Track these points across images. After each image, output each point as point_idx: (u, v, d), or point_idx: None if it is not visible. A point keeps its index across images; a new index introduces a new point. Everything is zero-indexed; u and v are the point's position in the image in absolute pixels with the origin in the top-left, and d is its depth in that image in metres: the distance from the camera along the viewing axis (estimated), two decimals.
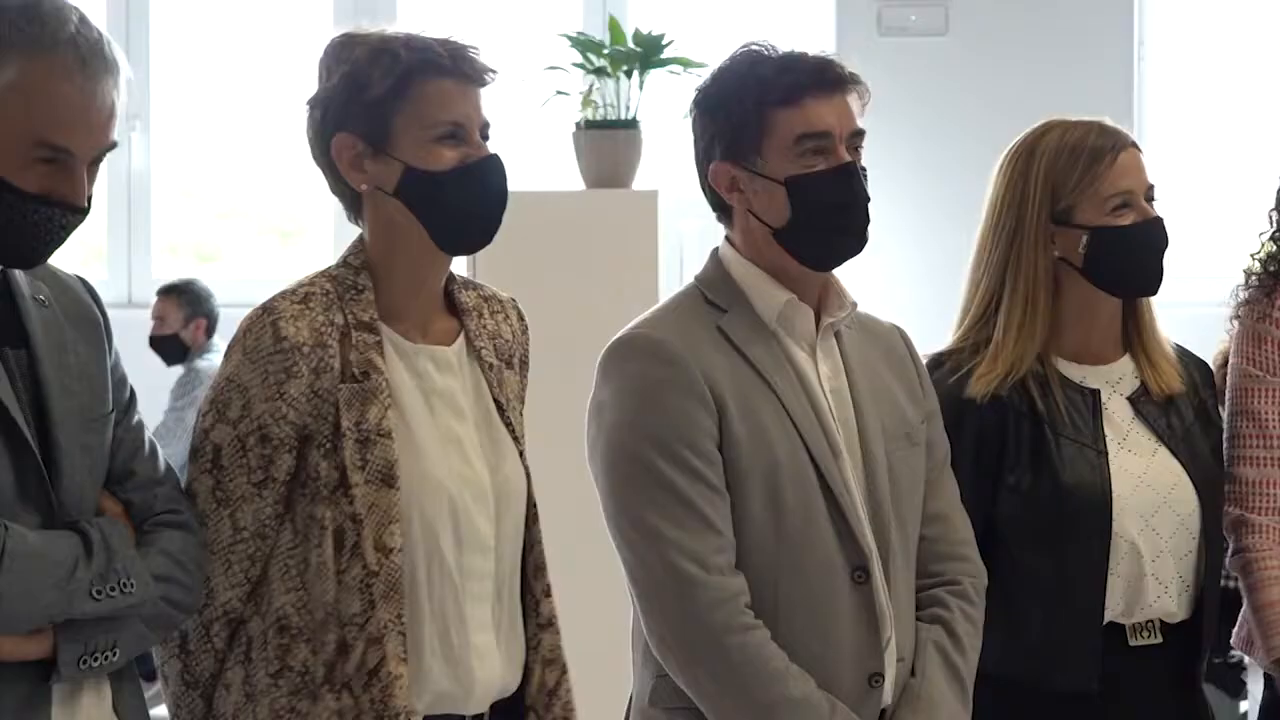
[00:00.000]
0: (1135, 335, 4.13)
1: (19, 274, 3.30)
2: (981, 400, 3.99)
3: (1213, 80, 9.94)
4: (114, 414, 3.35)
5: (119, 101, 3.21)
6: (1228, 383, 4.25)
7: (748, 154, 3.71)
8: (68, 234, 3.22)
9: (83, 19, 3.23)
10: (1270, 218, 4.30)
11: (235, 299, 8.71)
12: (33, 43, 3.15)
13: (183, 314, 10.13)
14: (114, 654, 3.26)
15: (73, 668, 3.18)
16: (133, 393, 3.50)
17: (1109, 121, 4.15)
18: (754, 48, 3.77)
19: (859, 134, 3.72)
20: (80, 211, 3.20)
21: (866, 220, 3.73)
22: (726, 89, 3.75)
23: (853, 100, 3.73)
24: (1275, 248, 4.28)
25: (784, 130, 3.68)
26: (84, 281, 3.44)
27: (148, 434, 3.48)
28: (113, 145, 3.21)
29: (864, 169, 3.73)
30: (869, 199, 3.72)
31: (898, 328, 3.98)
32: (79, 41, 3.18)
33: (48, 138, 3.13)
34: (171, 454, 9.57)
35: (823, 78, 3.70)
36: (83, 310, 3.40)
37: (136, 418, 3.46)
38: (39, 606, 3.12)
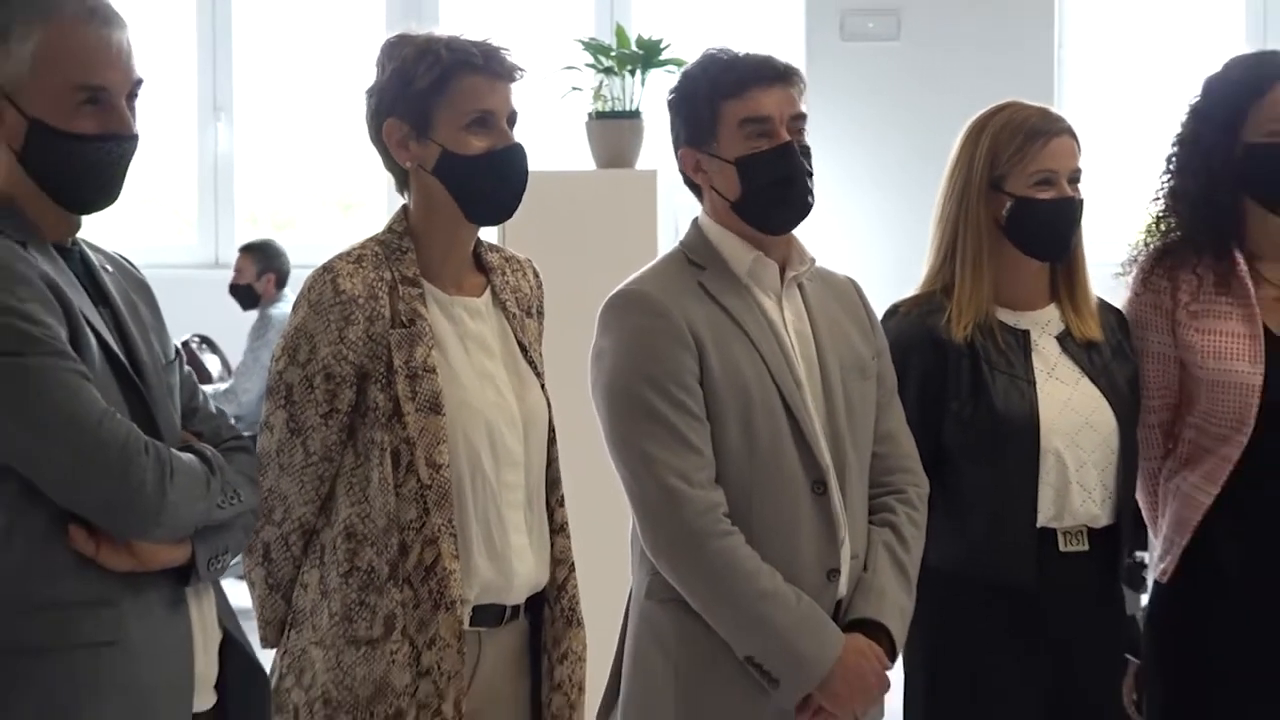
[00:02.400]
0: (1064, 287, 4.16)
1: (87, 246, 3.37)
2: (957, 338, 4.06)
3: (1119, 76, 10.16)
4: (176, 361, 3.44)
5: (131, 45, 3.23)
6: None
7: (706, 140, 3.84)
8: (128, 163, 3.26)
9: None
10: (1158, 195, 4.36)
11: (304, 261, 8.74)
12: (44, 11, 3.16)
13: (256, 268, 10.15)
14: (229, 557, 3.36)
15: (205, 570, 3.26)
16: (176, 346, 3.55)
17: (1055, 110, 4.22)
18: (710, 52, 3.90)
19: (799, 117, 3.85)
20: (132, 138, 3.24)
21: (806, 191, 3.84)
22: (687, 88, 3.90)
23: (791, 90, 3.83)
24: (1161, 215, 4.36)
25: (731, 118, 3.80)
26: (125, 257, 3.48)
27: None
28: (139, 81, 3.25)
29: (806, 147, 3.86)
30: (809, 173, 3.84)
31: (852, 279, 4.07)
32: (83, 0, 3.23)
33: (84, 80, 3.16)
34: (249, 387, 9.73)
35: (761, 72, 3.81)
36: (137, 277, 3.46)
37: (185, 365, 3.52)
38: (194, 513, 3.21)
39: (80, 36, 3.17)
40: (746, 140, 3.79)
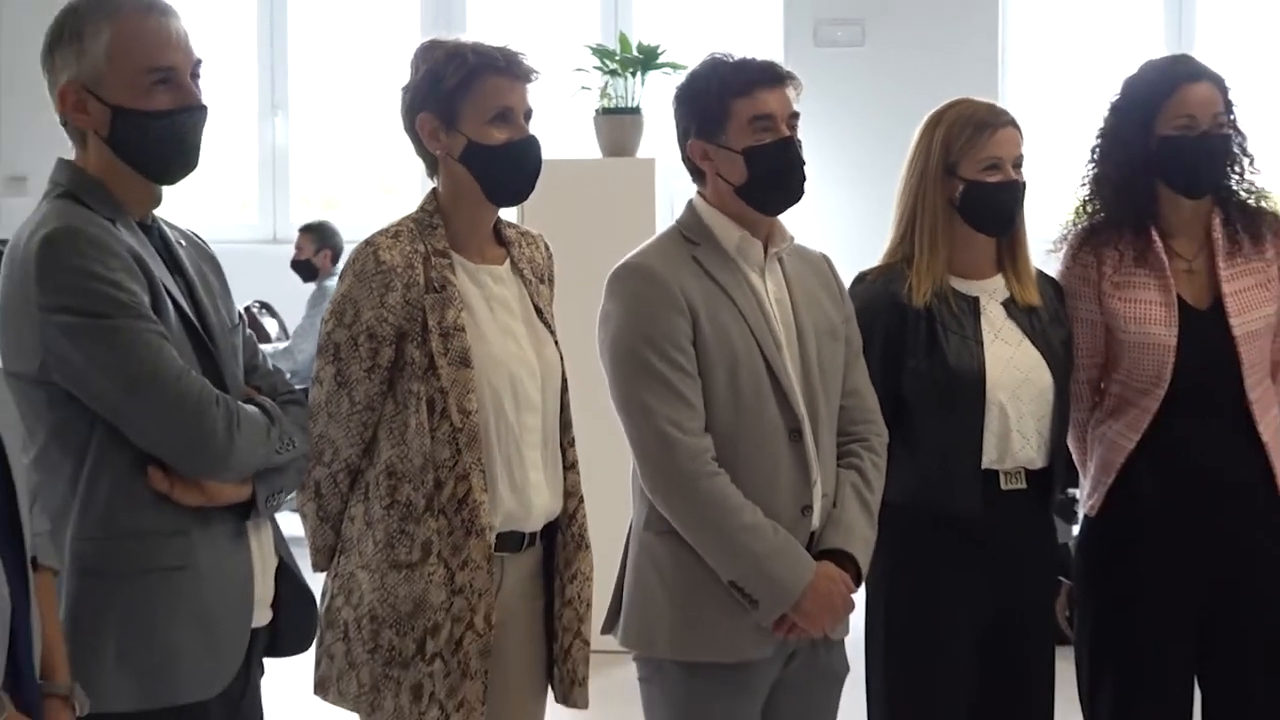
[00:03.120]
0: (1008, 258, 4.15)
1: (165, 225, 3.37)
2: (916, 304, 4.04)
3: (1053, 75, 10.29)
4: (239, 325, 3.45)
5: (186, 30, 3.23)
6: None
7: (715, 132, 3.80)
8: (200, 132, 3.26)
9: None
10: (1083, 181, 4.35)
11: (350, 236, 8.75)
12: (108, 12, 3.17)
13: (315, 245, 10.13)
14: (284, 495, 3.39)
15: (263, 506, 3.29)
16: (239, 311, 3.57)
17: (1000, 105, 4.21)
18: (717, 55, 3.85)
19: (795, 115, 3.82)
20: (202, 108, 3.25)
21: (802, 179, 3.83)
22: (698, 86, 3.84)
23: (790, 91, 3.81)
24: (1086, 198, 4.34)
25: (741, 114, 3.76)
26: (197, 234, 3.49)
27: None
28: (199, 61, 3.26)
29: (799, 141, 3.84)
30: (803, 163, 3.82)
31: (824, 255, 4.04)
32: None
33: (153, 63, 3.17)
34: (305, 347, 9.73)
35: (766, 75, 3.79)
36: (207, 251, 3.48)
37: (247, 329, 3.54)
38: (257, 457, 3.23)
39: (143, 27, 3.19)
40: (753, 134, 3.76)
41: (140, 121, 3.19)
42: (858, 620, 3.98)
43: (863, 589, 3.94)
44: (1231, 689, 4.31)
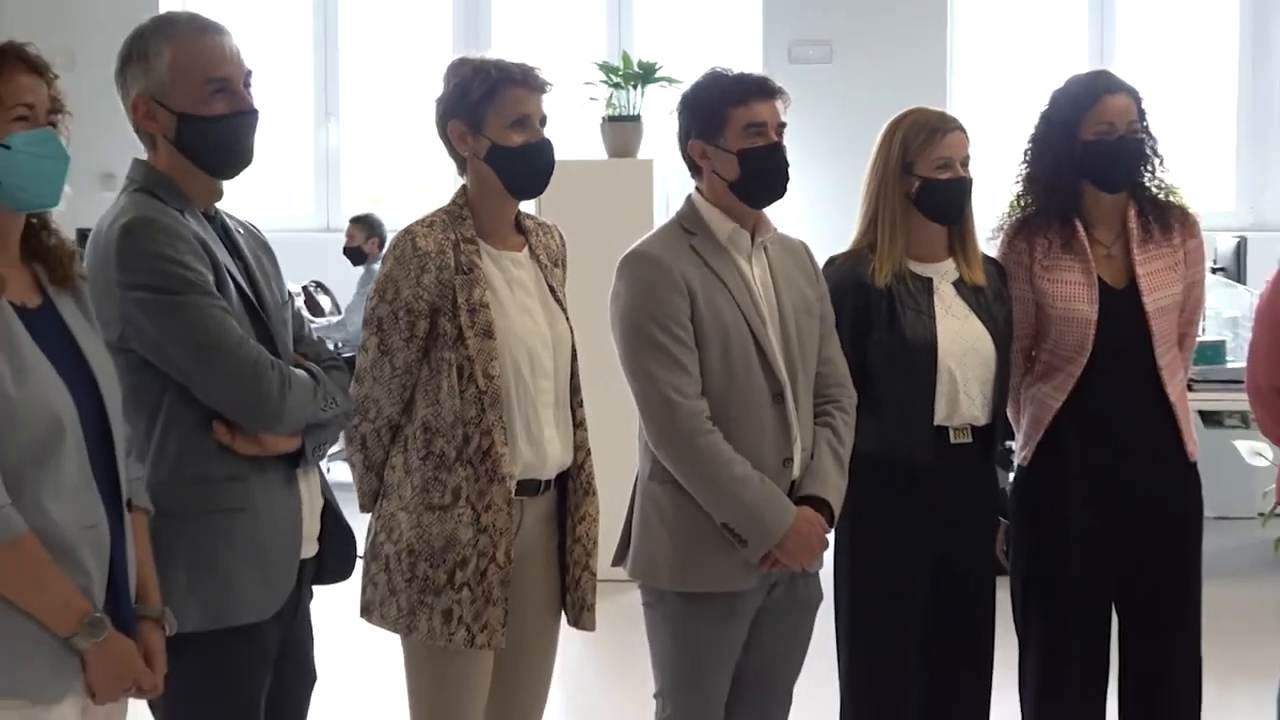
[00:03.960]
0: (958, 244, 4.11)
1: (226, 215, 3.35)
2: (879, 284, 4.00)
3: (994, 88, 10.34)
4: (289, 302, 3.42)
5: (237, 46, 3.22)
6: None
7: (713, 135, 3.76)
8: (253, 132, 3.24)
9: (191, 12, 3.34)
10: (1017, 180, 4.32)
11: (392, 226, 8.76)
12: (169, 33, 3.18)
13: (364, 234, 10.17)
14: (328, 446, 3.39)
15: (310, 456, 3.29)
16: (290, 290, 3.55)
17: (951, 112, 4.19)
18: (717, 69, 3.82)
19: (782, 125, 3.80)
20: (254, 112, 3.23)
21: (786, 179, 3.80)
22: (700, 95, 3.80)
23: (779, 103, 3.79)
24: (1020, 194, 4.31)
25: (737, 120, 3.74)
26: (253, 224, 3.46)
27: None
28: (250, 72, 3.23)
29: (784, 146, 3.79)
30: (788, 165, 3.80)
31: (803, 242, 3.99)
32: (195, 18, 3.26)
33: (210, 74, 3.16)
34: (356, 320, 9.76)
35: (762, 88, 3.78)
36: (261, 238, 3.44)
37: (296, 304, 3.53)
38: (305, 414, 3.22)
39: (199, 45, 3.18)
40: (747, 138, 3.73)
41: (201, 125, 3.18)
42: (829, 555, 3.96)
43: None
44: (1143, 613, 4.32)
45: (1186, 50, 10.40)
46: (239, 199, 3.39)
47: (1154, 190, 4.29)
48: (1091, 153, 4.18)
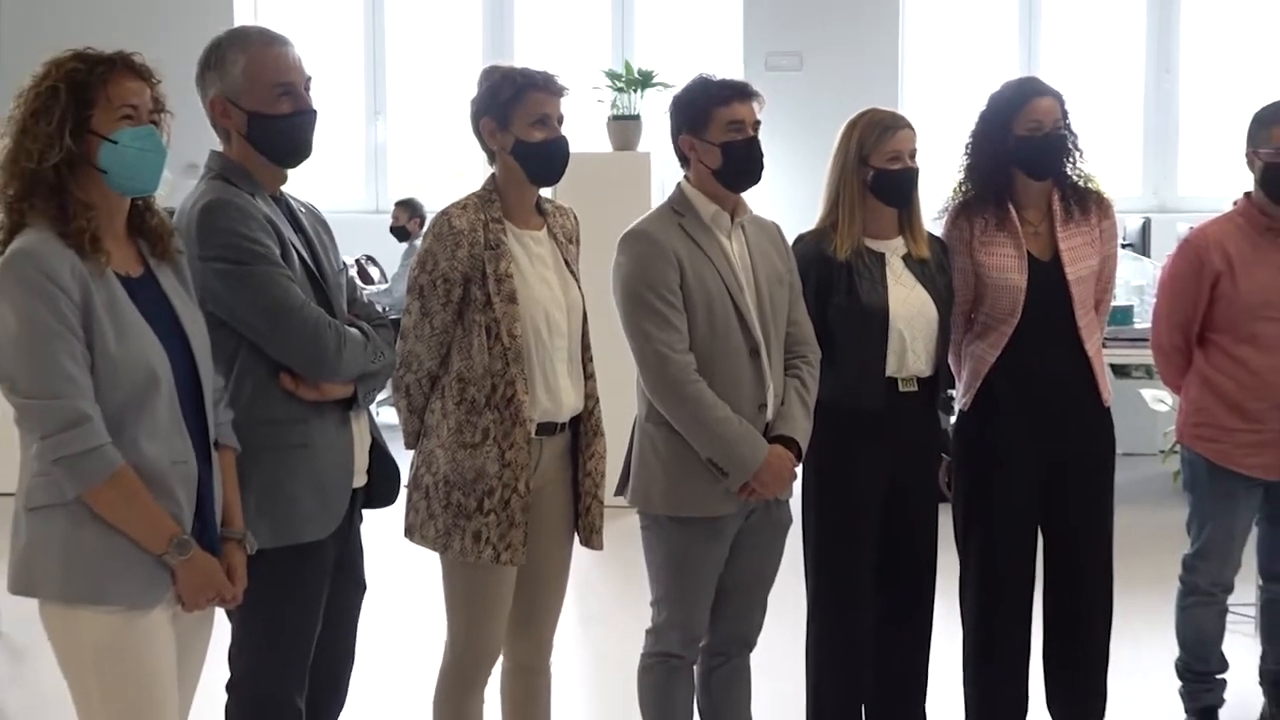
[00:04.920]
0: (907, 224, 4.07)
1: (290, 198, 3.33)
2: (840, 258, 3.97)
3: (939, 91, 10.26)
4: (344, 270, 3.41)
5: (299, 55, 3.22)
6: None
7: (700, 130, 3.74)
8: (313, 128, 3.23)
9: (261, 26, 3.36)
10: (959, 169, 4.29)
11: (431, 208, 8.73)
12: (242, 43, 3.17)
13: (407, 214, 10.14)
14: (376, 392, 3.39)
15: (362, 400, 3.29)
16: (345, 261, 3.53)
17: (902, 111, 4.16)
18: (704, 75, 3.80)
19: (758, 122, 3.77)
20: (313, 112, 3.22)
21: (761, 167, 3.77)
22: (690, 96, 3.78)
23: (755, 104, 3.77)
24: (961, 182, 4.29)
25: (720, 118, 3.72)
26: (313, 205, 3.44)
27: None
28: (310, 78, 3.23)
29: (760, 140, 3.77)
30: (763, 156, 3.77)
31: (775, 222, 3.95)
32: (264, 31, 3.26)
33: (277, 79, 3.15)
34: (400, 288, 9.71)
35: (741, 91, 3.76)
36: (320, 217, 3.42)
37: (350, 273, 3.51)
38: (357, 366, 3.22)
39: (268, 55, 3.18)
40: (728, 133, 3.71)
41: (268, 123, 3.17)
42: (797, 486, 3.95)
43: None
44: (1064, 533, 4.33)
45: (1101, 59, 10.39)
46: (301, 184, 3.37)
47: (1075, 178, 4.27)
48: (1022, 146, 4.15)
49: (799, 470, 3.90)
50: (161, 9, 10.24)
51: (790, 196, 5.77)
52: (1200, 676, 4.63)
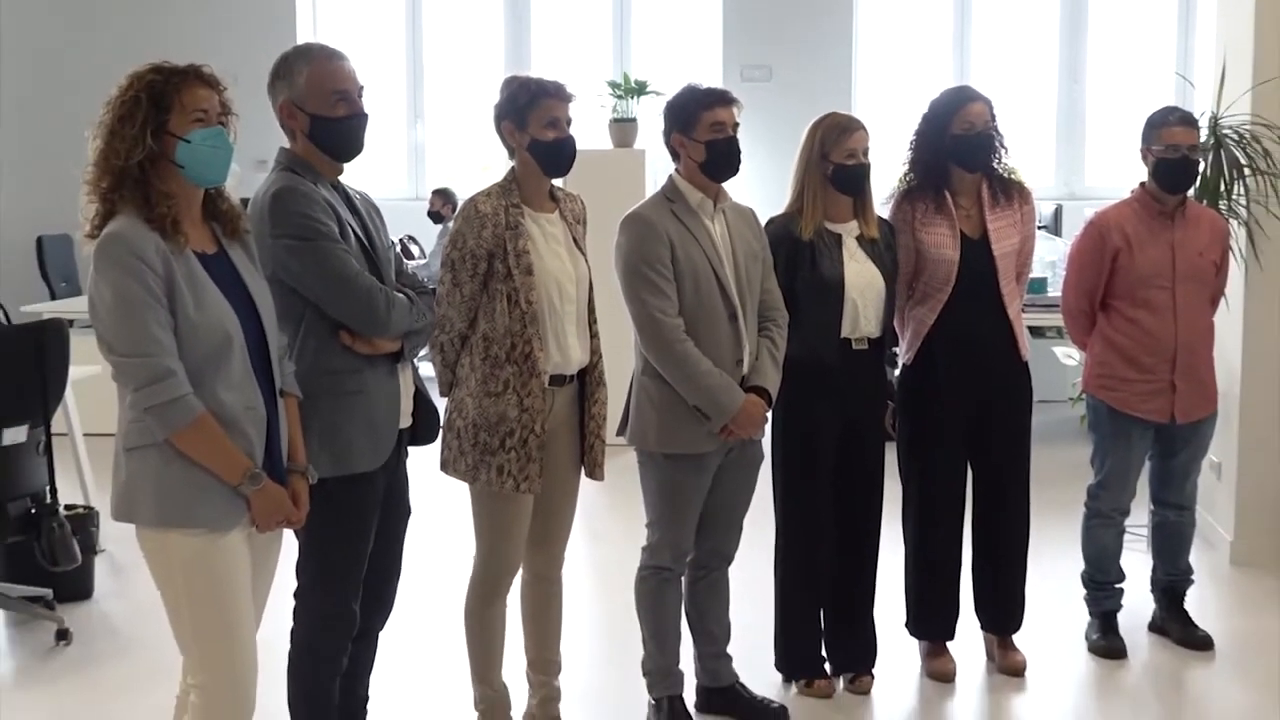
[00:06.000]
0: (860, 209, 4.03)
1: (347, 186, 3.28)
2: (804, 238, 3.94)
3: (888, 97, 10.06)
4: (392, 247, 3.36)
5: (354, 66, 3.18)
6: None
7: (688, 130, 3.71)
8: (364, 129, 3.19)
9: (321, 43, 3.29)
10: (904, 163, 4.27)
11: (461, 195, 8.70)
12: (306, 57, 3.15)
13: (441, 201, 10.04)
14: (419, 348, 3.34)
15: (407, 354, 3.26)
16: (393, 240, 3.47)
17: (856, 115, 4.12)
18: (691, 84, 3.77)
19: (737, 124, 3.73)
20: (365, 116, 3.18)
21: (739, 161, 3.73)
22: (679, 101, 3.74)
23: (734, 109, 3.73)
24: (905, 174, 4.26)
25: (705, 120, 3.70)
26: (366, 193, 3.38)
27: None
28: (362, 87, 3.18)
29: (738, 139, 3.73)
30: (740, 152, 3.73)
31: (750, 208, 3.91)
32: (324, 47, 3.21)
33: (335, 87, 3.12)
34: (436, 263, 9.55)
35: (722, 97, 3.73)
36: (372, 202, 3.35)
37: (397, 250, 3.45)
38: (403, 325, 3.19)
39: (328, 67, 3.15)
40: (712, 132, 3.69)
41: (327, 124, 3.14)
42: (768, 428, 3.95)
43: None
44: (989, 466, 4.33)
45: (1021, 69, 10.34)
46: (355, 175, 3.32)
47: (1001, 171, 4.23)
48: (957, 144, 4.14)
49: (769, 415, 3.87)
50: (235, 27, 10.17)
51: (763, 186, 5.72)
52: (1102, 585, 4.65)
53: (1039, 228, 4.64)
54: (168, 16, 10.30)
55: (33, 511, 4.64)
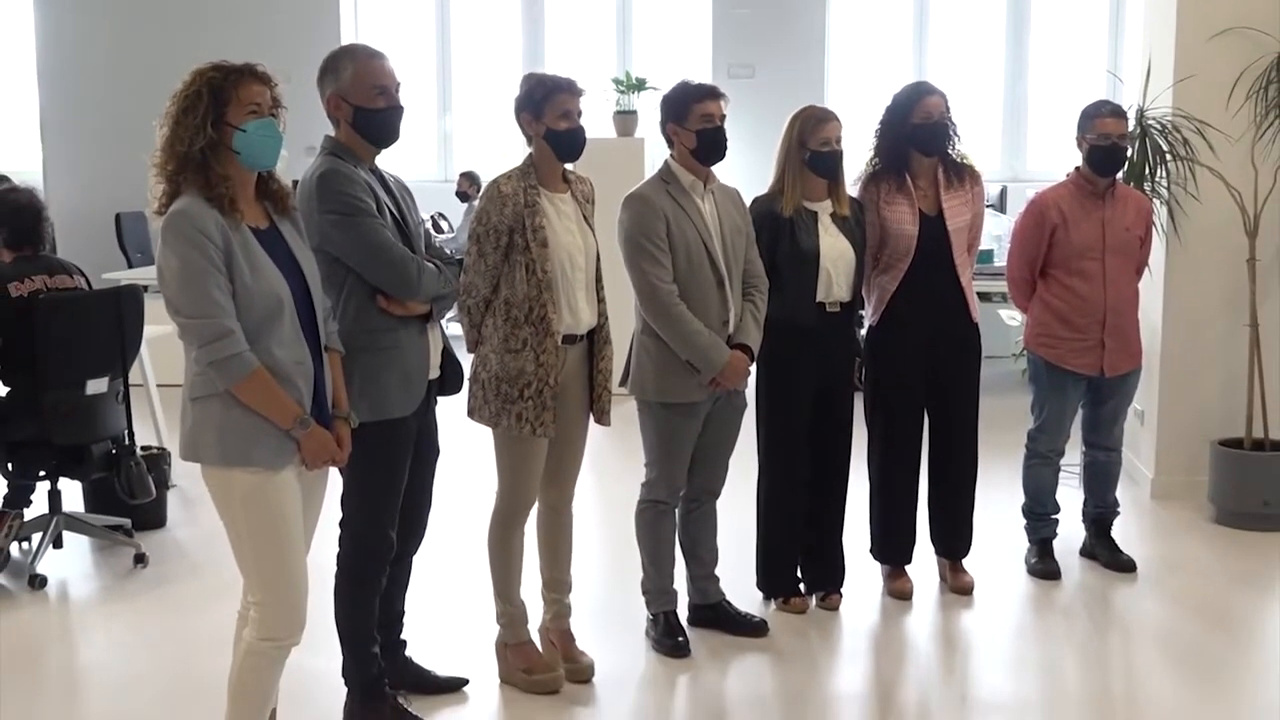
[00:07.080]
0: (833, 190, 4.00)
1: (383, 169, 3.23)
2: (785, 215, 3.91)
3: (858, 90, 9.88)
4: (422, 223, 3.32)
5: (392, 64, 3.14)
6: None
7: (682, 120, 3.68)
8: (400, 120, 3.14)
9: (364, 44, 3.22)
10: (870, 149, 4.23)
11: (485, 177, 8.65)
12: (351, 56, 3.12)
13: (467, 183, 10.03)
14: (446, 310, 3.30)
15: (436, 315, 3.23)
16: (423, 217, 3.43)
17: (830, 108, 4.07)
18: (684, 80, 3.75)
19: (724, 115, 3.69)
20: (401, 108, 3.14)
21: (726, 148, 3.70)
22: (674, 95, 3.72)
23: (722, 102, 3.70)
24: (872, 158, 4.21)
25: (696, 112, 3.67)
26: (398, 176, 3.33)
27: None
28: (399, 83, 3.13)
29: (725, 129, 3.70)
30: (727, 140, 3.70)
31: (736, 189, 3.87)
32: (366, 47, 3.18)
33: (376, 82, 3.10)
34: (463, 237, 9.50)
35: (713, 92, 3.71)
36: (404, 184, 3.30)
37: (426, 225, 3.44)
38: (433, 290, 3.16)
39: (370, 64, 3.13)
40: (702, 122, 3.66)
41: (368, 115, 3.11)
42: (751, 380, 3.92)
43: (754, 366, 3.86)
44: (943, 412, 4.32)
45: (972, 65, 10.28)
46: (391, 160, 3.28)
47: (955, 156, 4.20)
48: (917, 132, 4.11)
49: (753, 369, 3.85)
50: (287, 30, 10.10)
51: (747, 170, 5.67)
52: (1039, 516, 4.65)
53: (987, 206, 4.61)
54: (229, 20, 10.31)
55: (113, 452, 4.70)
